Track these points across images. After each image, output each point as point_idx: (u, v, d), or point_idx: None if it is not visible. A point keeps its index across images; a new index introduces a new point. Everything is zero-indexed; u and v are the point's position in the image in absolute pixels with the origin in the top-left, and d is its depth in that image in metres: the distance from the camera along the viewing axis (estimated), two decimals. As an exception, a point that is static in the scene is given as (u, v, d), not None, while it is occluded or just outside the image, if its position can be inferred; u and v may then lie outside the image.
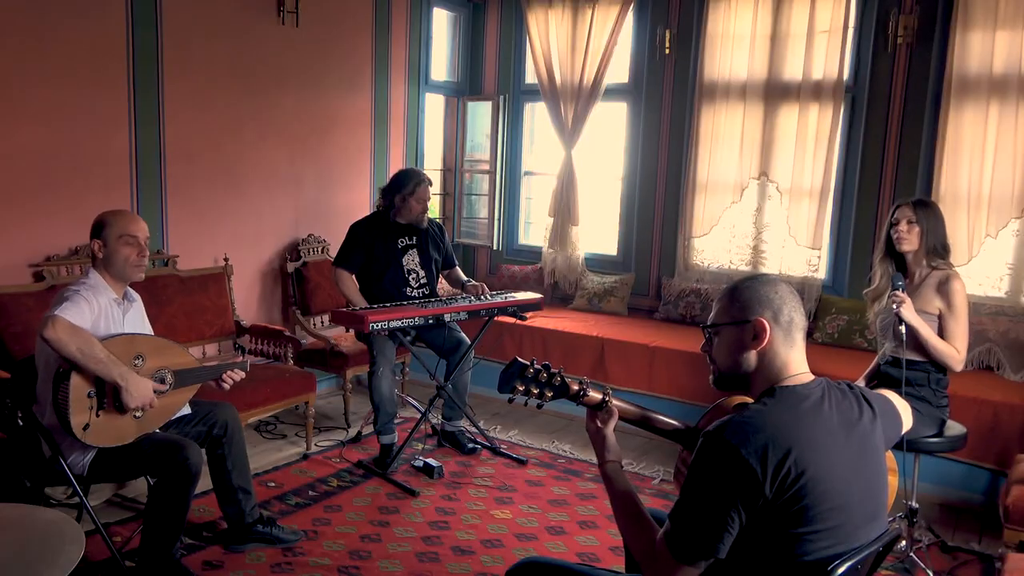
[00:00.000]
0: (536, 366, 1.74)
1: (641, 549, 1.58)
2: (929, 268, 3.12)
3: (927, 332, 3.04)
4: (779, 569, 1.48)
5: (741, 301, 1.61)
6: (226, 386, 2.94)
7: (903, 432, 1.82)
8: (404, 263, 4.18)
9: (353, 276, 4.14)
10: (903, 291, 3.03)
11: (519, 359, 1.75)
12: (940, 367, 3.10)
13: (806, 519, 1.44)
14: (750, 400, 1.68)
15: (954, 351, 3.04)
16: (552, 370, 1.76)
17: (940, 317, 3.09)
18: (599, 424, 1.81)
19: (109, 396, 2.59)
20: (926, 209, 3.12)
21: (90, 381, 2.55)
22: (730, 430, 1.44)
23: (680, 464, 1.87)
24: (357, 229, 4.19)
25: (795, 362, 1.60)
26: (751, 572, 1.50)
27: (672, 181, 5.42)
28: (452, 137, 6.36)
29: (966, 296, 3.09)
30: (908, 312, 3.00)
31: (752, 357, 1.60)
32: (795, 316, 1.60)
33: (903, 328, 3.00)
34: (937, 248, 3.10)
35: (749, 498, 1.42)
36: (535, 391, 1.75)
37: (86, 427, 2.55)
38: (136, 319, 2.90)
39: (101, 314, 2.69)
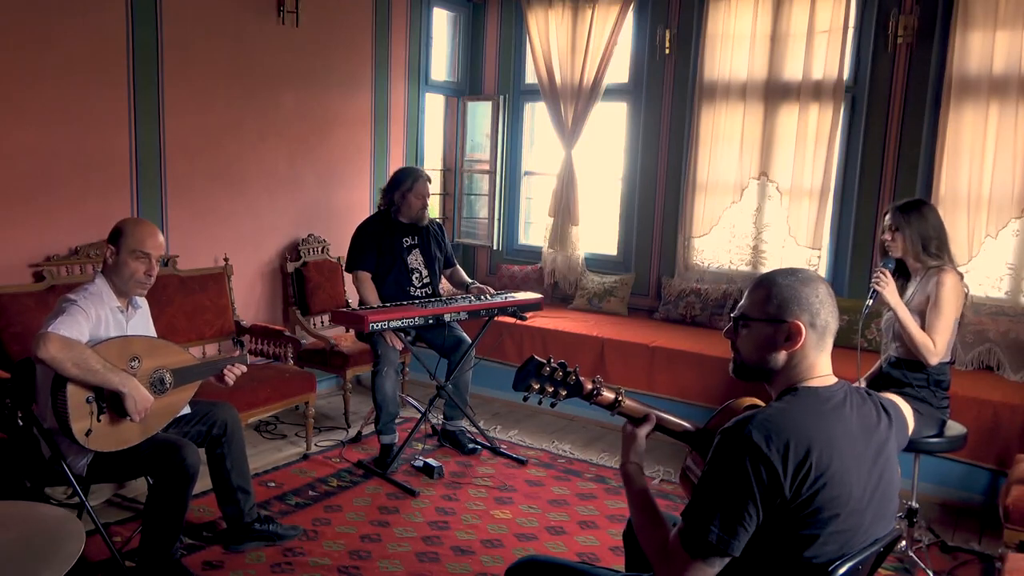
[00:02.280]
0: (552, 364, 1.75)
1: (654, 548, 1.57)
2: (925, 269, 3.10)
3: (905, 316, 2.99)
4: (781, 570, 1.48)
5: (779, 299, 1.56)
6: (229, 382, 2.92)
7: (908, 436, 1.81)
8: (408, 262, 4.19)
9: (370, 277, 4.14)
10: (889, 272, 3.05)
11: (536, 357, 1.75)
12: (940, 368, 3.09)
13: (819, 521, 1.43)
14: (760, 402, 1.67)
15: (931, 343, 2.98)
16: (568, 368, 1.77)
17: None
18: (634, 427, 1.82)
19: (109, 400, 2.58)
20: (907, 214, 3.08)
21: (88, 387, 2.53)
22: (752, 426, 1.43)
23: (691, 464, 1.86)
24: (364, 230, 4.20)
25: (821, 364, 1.57)
26: (753, 573, 1.50)
27: (672, 181, 5.42)
28: (452, 137, 6.36)
29: (956, 293, 3.02)
30: (891, 295, 3.01)
31: (781, 357, 1.57)
32: (831, 320, 1.57)
33: (870, 302, 3.05)
34: (928, 249, 3.06)
35: (768, 495, 1.41)
36: (550, 389, 1.76)
37: (88, 432, 2.54)
38: (140, 325, 2.88)
39: (101, 323, 2.67)
